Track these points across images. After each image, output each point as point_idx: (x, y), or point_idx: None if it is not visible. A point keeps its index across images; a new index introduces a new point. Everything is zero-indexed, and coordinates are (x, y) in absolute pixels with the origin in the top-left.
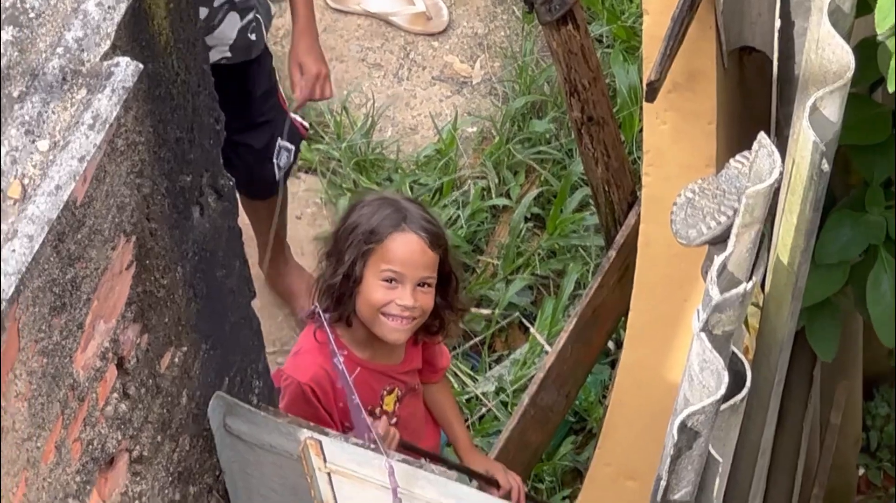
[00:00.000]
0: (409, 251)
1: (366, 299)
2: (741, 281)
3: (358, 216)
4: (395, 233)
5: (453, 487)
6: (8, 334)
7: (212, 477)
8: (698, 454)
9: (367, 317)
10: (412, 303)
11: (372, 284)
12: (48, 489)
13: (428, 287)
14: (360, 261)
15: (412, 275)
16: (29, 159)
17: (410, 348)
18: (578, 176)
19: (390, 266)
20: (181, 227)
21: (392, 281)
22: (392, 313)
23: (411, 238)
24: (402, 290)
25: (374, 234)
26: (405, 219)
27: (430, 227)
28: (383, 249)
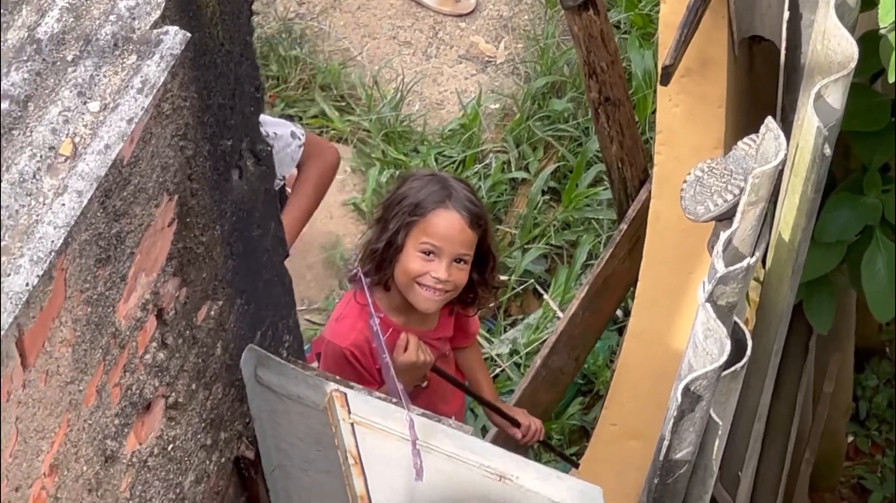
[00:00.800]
0: (449, 227)
1: (403, 267)
2: (745, 256)
3: (407, 188)
4: (438, 208)
5: (469, 441)
6: (55, 283)
7: (242, 424)
8: (700, 417)
9: (403, 284)
10: (445, 276)
11: (411, 254)
12: (88, 430)
13: (464, 264)
14: (402, 231)
15: (449, 251)
16: (80, 119)
17: (444, 317)
18: (594, 153)
19: (430, 239)
20: (221, 189)
21: (430, 253)
22: (426, 284)
23: (453, 215)
24: (437, 264)
25: (419, 207)
26: (450, 196)
27: (473, 207)
28: (425, 222)
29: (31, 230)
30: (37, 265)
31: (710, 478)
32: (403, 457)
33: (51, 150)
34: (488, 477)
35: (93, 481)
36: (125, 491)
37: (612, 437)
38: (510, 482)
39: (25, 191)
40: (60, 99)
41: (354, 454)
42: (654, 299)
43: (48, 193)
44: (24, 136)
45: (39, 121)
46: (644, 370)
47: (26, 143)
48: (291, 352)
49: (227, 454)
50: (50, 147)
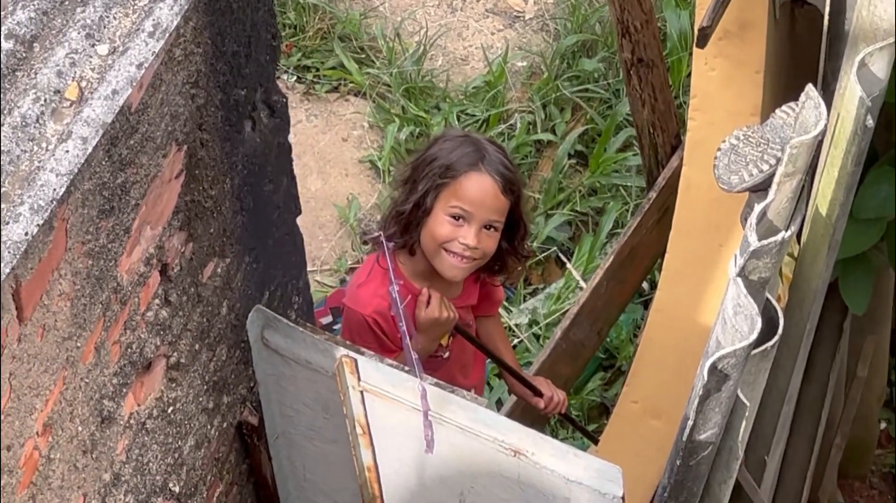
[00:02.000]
0: (481, 192)
1: (431, 232)
2: (779, 229)
3: (438, 149)
4: (470, 171)
5: (484, 414)
6: (55, 233)
7: (246, 388)
8: (726, 397)
9: (429, 249)
10: (474, 243)
11: (439, 218)
12: (85, 389)
13: (494, 230)
14: (432, 193)
15: (479, 216)
16: (88, 62)
17: (469, 285)
18: (624, 116)
19: (460, 203)
20: (232, 140)
21: (459, 218)
22: (453, 250)
23: (485, 179)
24: (466, 229)
25: (450, 169)
26: (483, 159)
27: (507, 172)
28: (456, 185)
29: (33, 177)
30: (37, 214)
31: (734, 461)
32: (414, 428)
33: (56, 93)
34: (502, 452)
35: (88, 442)
36: (121, 453)
37: (633, 415)
38: (525, 458)
39: (28, 135)
40: (68, 40)
41: (363, 423)
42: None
43: (51, 139)
44: (29, 79)
45: (45, 63)
46: (668, 346)
47: (30, 86)
48: (300, 315)
49: (230, 419)
50: (55, 90)
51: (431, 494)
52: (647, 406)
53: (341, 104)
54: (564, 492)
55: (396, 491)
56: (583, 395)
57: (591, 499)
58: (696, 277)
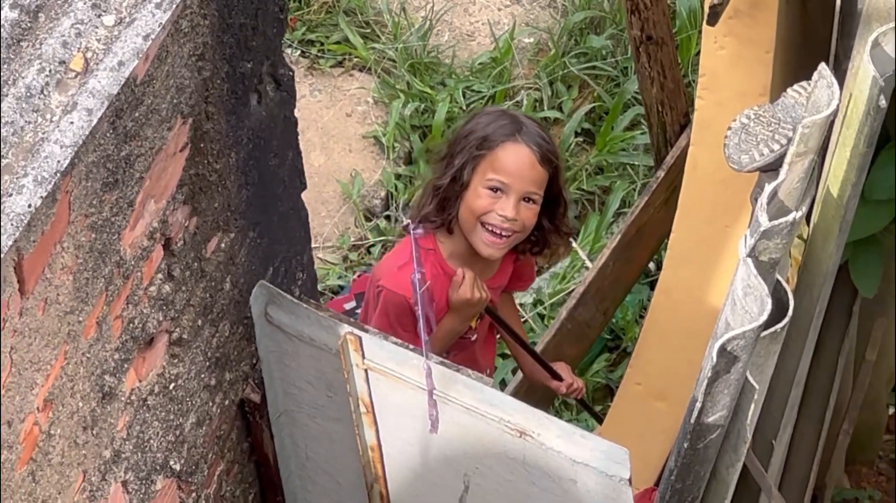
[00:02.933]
0: (519, 162)
1: (469, 205)
2: (790, 210)
3: (474, 124)
4: (507, 142)
5: (489, 394)
6: (59, 206)
7: (248, 365)
8: (735, 379)
9: (467, 224)
10: (513, 214)
11: (477, 191)
12: (86, 364)
13: (532, 203)
14: (469, 166)
15: (518, 188)
16: (94, 33)
17: (506, 265)
18: (631, 94)
19: (497, 175)
20: (238, 114)
21: (497, 190)
22: (491, 222)
23: (522, 149)
24: (505, 201)
25: (487, 140)
26: (520, 130)
27: (545, 143)
28: (493, 157)
29: (37, 148)
30: (41, 186)
31: (742, 444)
32: (418, 407)
33: (61, 64)
34: (508, 432)
35: (88, 418)
36: (122, 430)
37: (637, 397)
38: (531, 439)
39: (32, 106)
40: (73, 10)
41: (367, 402)
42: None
43: (56, 110)
44: (34, 49)
45: (50, 33)
46: (673, 327)
47: (35, 56)
48: (304, 291)
49: (232, 396)
50: (60, 61)
51: (435, 474)
52: (651, 388)
53: (346, 79)
54: (570, 473)
55: (400, 471)
56: (588, 377)
57: (597, 481)
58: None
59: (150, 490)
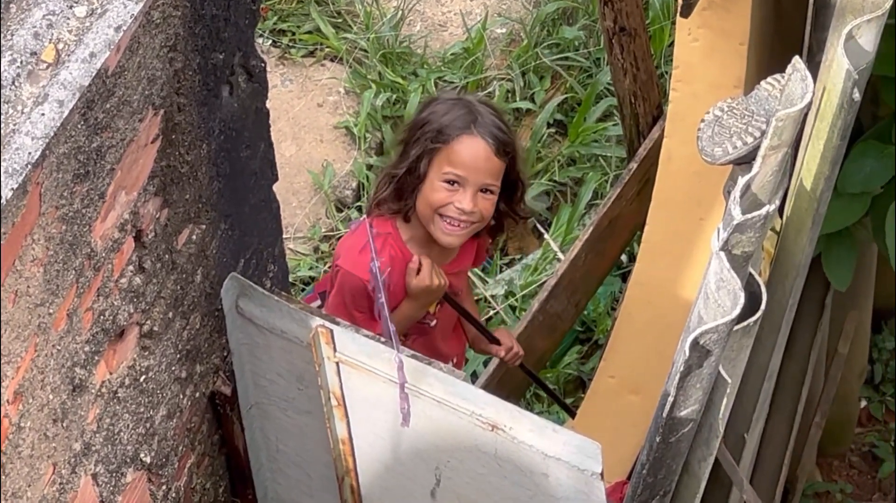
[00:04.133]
0: (474, 155)
1: (426, 198)
2: (764, 203)
3: (430, 112)
4: (462, 135)
5: (461, 387)
6: (29, 198)
7: (219, 357)
8: (708, 373)
9: (424, 215)
10: (471, 207)
11: (434, 184)
12: (56, 356)
13: (490, 194)
14: (424, 159)
15: (474, 180)
16: (65, 24)
17: (466, 249)
18: (604, 85)
19: (454, 168)
20: (209, 105)
21: (454, 183)
22: (449, 215)
23: (478, 142)
24: (462, 194)
25: (442, 133)
26: (475, 122)
27: (500, 133)
28: (449, 150)
29: (8, 140)
30: (11, 178)
31: (714, 438)
32: (390, 400)
33: (32, 55)
34: (479, 426)
35: (59, 411)
36: (92, 422)
37: (610, 391)
38: (502, 433)
39: (3, 98)
40: (45, 2)
41: (338, 395)
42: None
43: (27, 102)
44: (5, 40)
45: (21, 24)
46: (647, 321)
47: (6, 47)
48: (276, 283)
49: (202, 389)
50: (32, 52)
51: (407, 468)
52: (624, 381)
53: (317, 69)
54: (542, 467)
55: (371, 464)
56: (559, 369)
57: (569, 475)
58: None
59: (120, 482)
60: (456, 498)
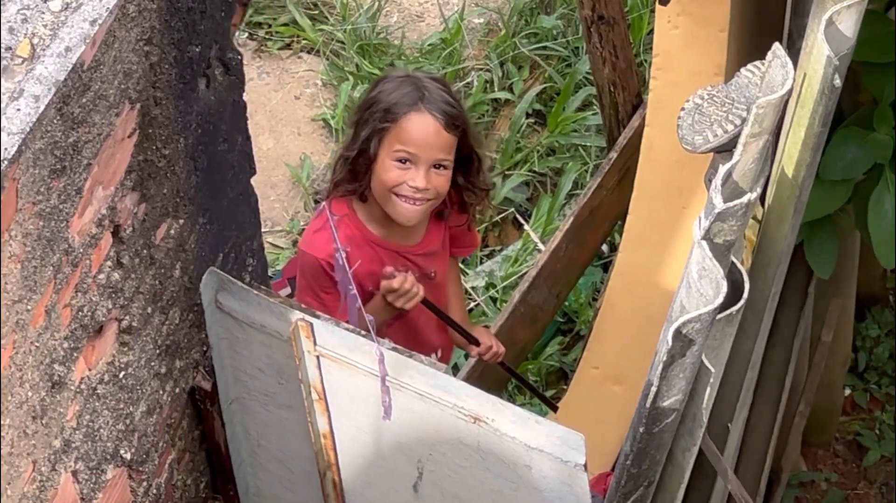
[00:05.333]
0: (424, 132)
1: (379, 177)
2: (745, 191)
3: (378, 92)
4: (410, 112)
5: (443, 380)
6: (6, 194)
7: (199, 352)
8: (691, 362)
9: (379, 195)
10: (424, 184)
11: (386, 164)
12: (35, 353)
13: (443, 169)
14: (375, 139)
15: (426, 157)
16: (40, 19)
17: (432, 230)
18: (583, 74)
19: (404, 146)
20: (186, 98)
21: (406, 161)
22: (404, 194)
23: (426, 119)
24: (414, 172)
25: (390, 112)
26: (422, 98)
27: (449, 108)
28: (398, 129)
29: None
30: None
31: (698, 428)
32: (371, 393)
33: (7, 50)
34: (461, 418)
35: (38, 408)
36: (72, 419)
37: (594, 381)
38: (485, 425)
39: None
40: None
41: (319, 389)
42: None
43: (3, 97)
44: None
45: None
46: (630, 311)
47: None
48: (255, 277)
49: (182, 384)
50: (6, 47)
51: (389, 462)
52: (608, 371)
53: (294, 61)
54: (525, 459)
55: (353, 458)
56: (541, 360)
57: (552, 467)
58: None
59: (100, 479)
60: (438, 491)
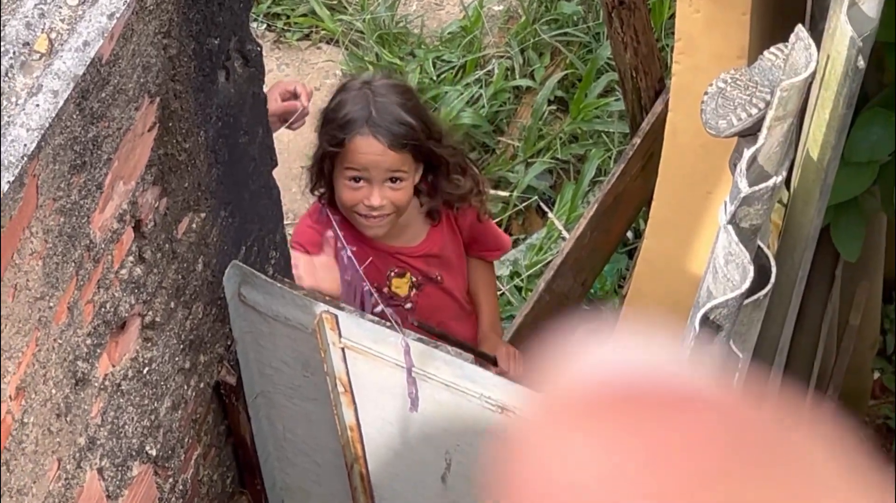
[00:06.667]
0: (369, 154)
1: (338, 195)
2: (770, 174)
3: (336, 103)
4: (355, 136)
5: (470, 370)
6: (26, 190)
7: (223, 347)
8: (718, 348)
9: (343, 210)
10: (378, 202)
11: (340, 184)
12: (58, 350)
13: (400, 181)
14: (328, 161)
15: (377, 175)
16: (57, 13)
17: (433, 231)
18: (605, 60)
19: (353, 167)
20: (206, 91)
21: (359, 180)
22: (361, 213)
23: (370, 142)
24: (368, 190)
25: (337, 136)
26: (368, 119)
27: (397, 127)
28: (346, 151)
29: (3, 132)
30: (7, 171)
31: None
32: (397, 385)
33: (25, 46)
34: (489, 408)
35: (62, 405)
36: (96, 416)
37: None
38: (513, 415)
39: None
40: None
41: (344, 381)
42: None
43: (21, 93)
44: None
45: (13, 14)
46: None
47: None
48: (278, 270)
49: (207, 379)
50: (24, 43)
51: (416, 453)
52: None
53: (313, 52)
54: None
55: (380, 450)
56: None
57: None
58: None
59: (126, 476)
60: (467, 482)
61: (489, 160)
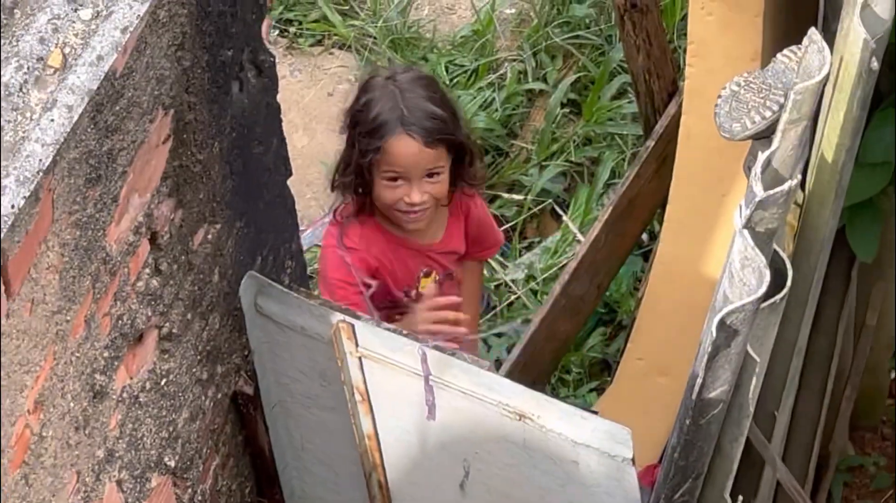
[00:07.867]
0: (408, 154)
1: (378, 196)
2: (785, 178)
3: (363, 103)
4: (391, 137)
5: (486, 377)
6: (42, 204)
7: (240, 357)
8: (736, 353)
9: (383, 209)
10: (419, 199)
11: (380, 184)
12: (76, 363)
13: (437, 175)
14: (365, 162)
15: (416, 173)
16: (71, 28)
17: (452, 225)
18: (617, 62)
19: (391, 167)
20: (220, 102)
21: (398, 179)
22: (402, 210)
23: (407, 141)
24: (407, 187)
25: (374, 138)
26: (402, 118)
27: (429, 122)
28: (383, 153)
29: (18, 148)
30: (23, 185)
31: (745, 418)
32: (415, 393)
33: (39, 61)
34: (507, 416)
35: (80, 418)
36: (115, 428)
37: (639, 373)
38: (530, 422)
39: (11, 105)
40: (49, 5)
41: (362, 390)
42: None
43: (36, 108)
44: (10, 46)
45: (27, 29)
46: (673, 301)
47: (12, 54)
48: (294, 279)
49: (224, 389)
50: (38, 58)
51: (435, 461)
52: (652, 362)
53: (326, 58)
54: (572, 455)
55: (398, 459)
56: (583, 352)
57: (599, 462)
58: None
59: (145, 488)
60: (486, 489)
61: (503, 164)
